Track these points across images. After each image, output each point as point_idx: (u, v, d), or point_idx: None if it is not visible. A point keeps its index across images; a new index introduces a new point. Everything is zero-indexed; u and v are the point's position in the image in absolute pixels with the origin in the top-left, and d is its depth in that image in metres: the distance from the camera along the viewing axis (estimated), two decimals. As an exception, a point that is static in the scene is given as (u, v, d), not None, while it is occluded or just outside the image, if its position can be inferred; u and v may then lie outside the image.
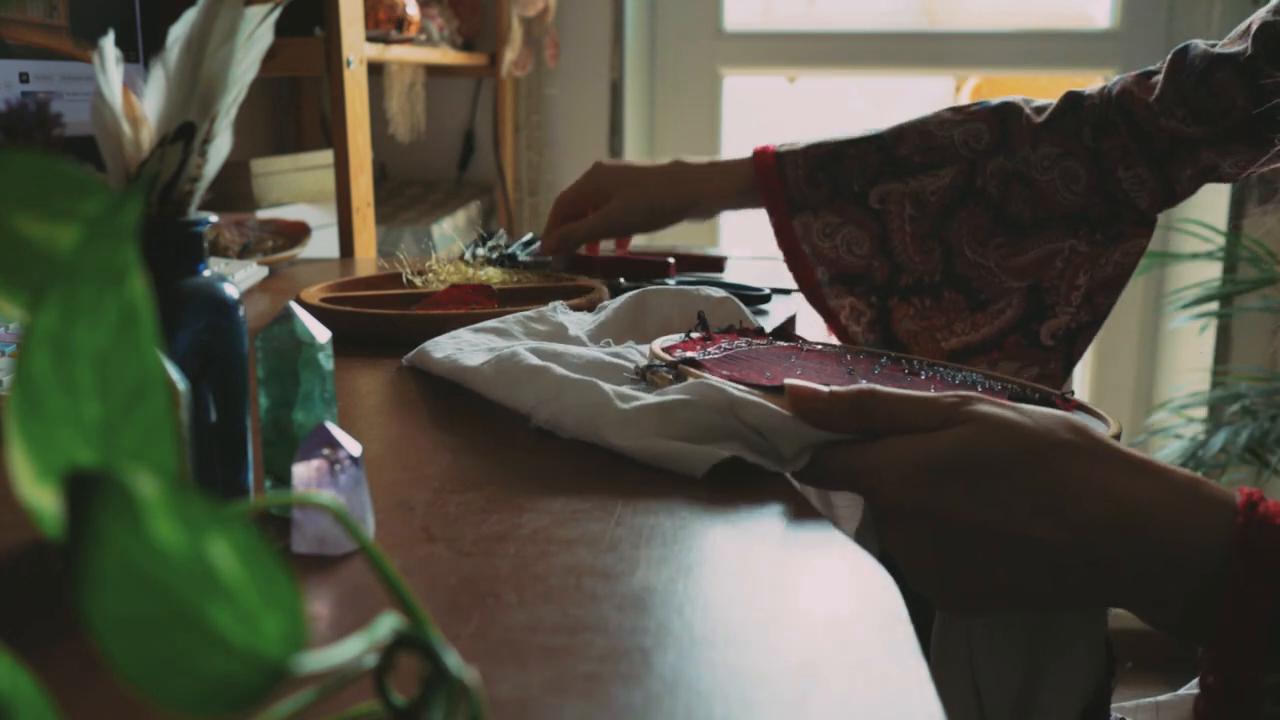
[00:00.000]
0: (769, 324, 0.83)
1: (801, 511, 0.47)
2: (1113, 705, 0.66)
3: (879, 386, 0.49)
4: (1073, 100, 0.87)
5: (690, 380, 0.54)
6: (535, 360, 0.59)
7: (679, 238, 1.81)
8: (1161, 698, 0.64)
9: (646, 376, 0.58)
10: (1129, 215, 0.85)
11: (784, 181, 0.91)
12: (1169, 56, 0.84)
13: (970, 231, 0.88)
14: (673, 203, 0.97)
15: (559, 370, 0.57)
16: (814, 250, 0.90)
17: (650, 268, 1.00)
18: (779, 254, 0.94)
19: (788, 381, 0.50)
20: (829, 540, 0.44)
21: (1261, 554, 0.41)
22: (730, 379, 0.54)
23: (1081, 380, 2.23)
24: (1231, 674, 0.41)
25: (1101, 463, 0.44)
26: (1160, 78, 0.83)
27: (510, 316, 0.73)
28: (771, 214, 0.92)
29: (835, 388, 0.49)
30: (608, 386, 0.54)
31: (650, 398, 0.53)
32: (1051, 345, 0.86)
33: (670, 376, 0.57)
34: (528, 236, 1.05)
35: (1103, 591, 0.45)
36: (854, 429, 0.48)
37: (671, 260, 1.00)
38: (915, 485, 0.45)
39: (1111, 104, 0.85)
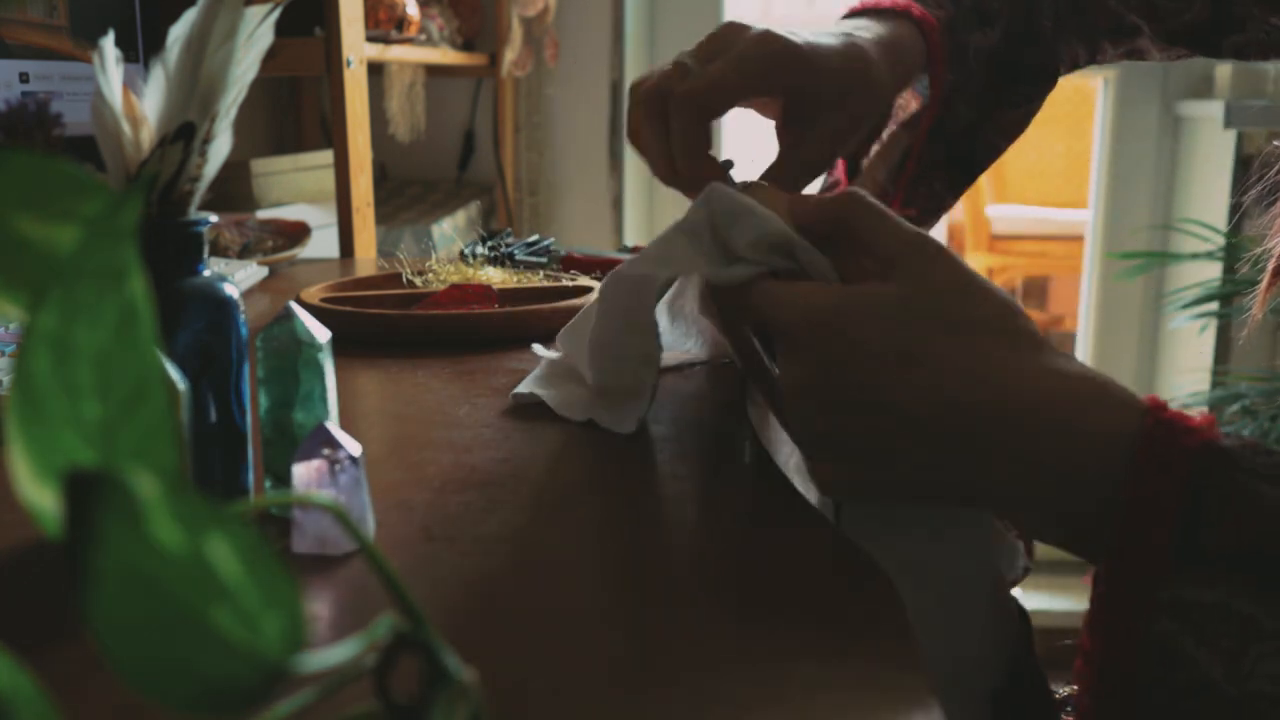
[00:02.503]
0: None
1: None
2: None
3: (869, 200, 0.47)
4: None
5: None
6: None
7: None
8: None
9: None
10: (1049, 78, 0.74)
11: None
12: None
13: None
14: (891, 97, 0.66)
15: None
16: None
17: None
18: None
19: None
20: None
21: (1169, 459, 0.39)
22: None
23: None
24: (1127, 587, 0.39)
25: (1014, 351, 0.43)
26: None
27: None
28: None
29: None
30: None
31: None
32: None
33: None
34: (534, 238, 1.05)
35: (985, 487, 0.42)
36: (821, 223, 0.47)
37: None
38: (824, 329, 0.44)
39: None
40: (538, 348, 0.68)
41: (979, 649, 0.49)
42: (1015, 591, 0.54)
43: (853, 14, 0.69)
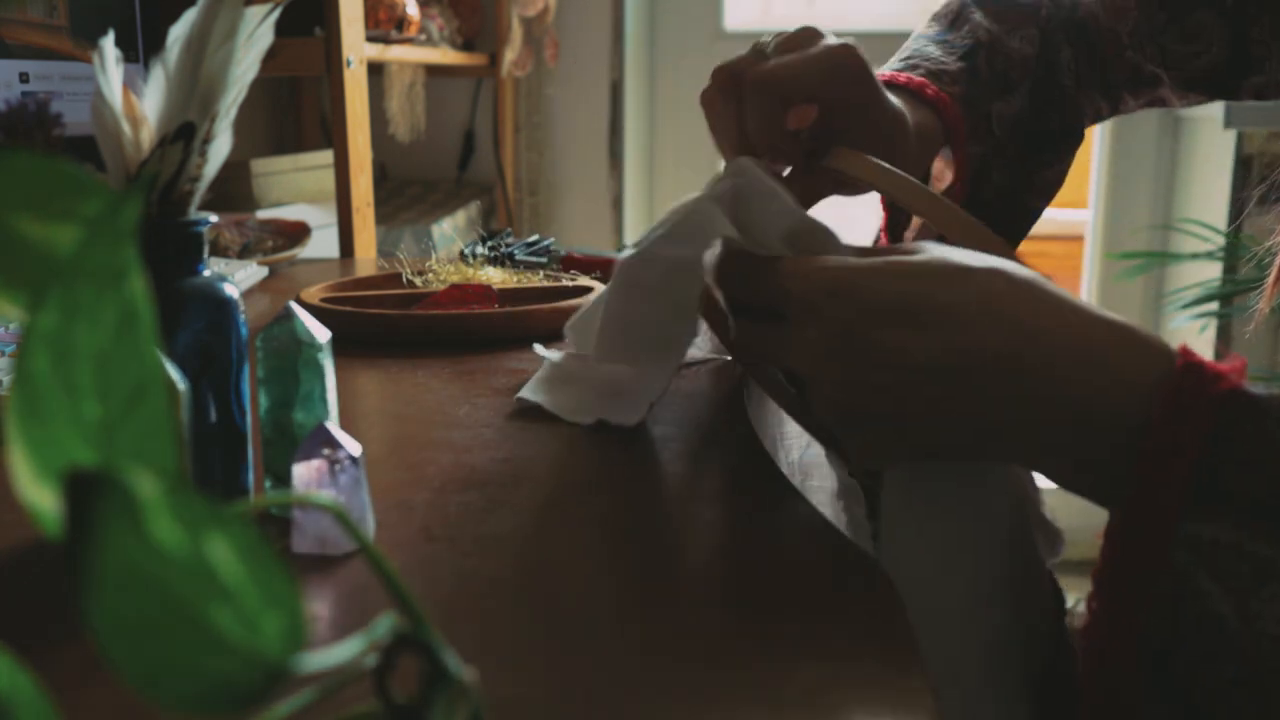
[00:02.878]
0: None
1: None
2: None
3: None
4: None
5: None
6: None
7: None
8: None
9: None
10: (1075, 136, 0.76)
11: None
12: None
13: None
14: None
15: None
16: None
17: None
18: None
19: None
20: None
21: (1197, 405, 0.39)
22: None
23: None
24: (1147, 518, 0.39)
25: (1040, 300, 0.43)
26: (1132, 2, 0.73)
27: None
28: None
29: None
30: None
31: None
32: None
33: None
34: (534, 238, 1.05)
35: (1008, 435, 0.43)
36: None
37: None
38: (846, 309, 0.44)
39: (1072, 27, 0.74)
40: (539, 348, 0.68)
41: (1027, 634, 0.50)
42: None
43: None
